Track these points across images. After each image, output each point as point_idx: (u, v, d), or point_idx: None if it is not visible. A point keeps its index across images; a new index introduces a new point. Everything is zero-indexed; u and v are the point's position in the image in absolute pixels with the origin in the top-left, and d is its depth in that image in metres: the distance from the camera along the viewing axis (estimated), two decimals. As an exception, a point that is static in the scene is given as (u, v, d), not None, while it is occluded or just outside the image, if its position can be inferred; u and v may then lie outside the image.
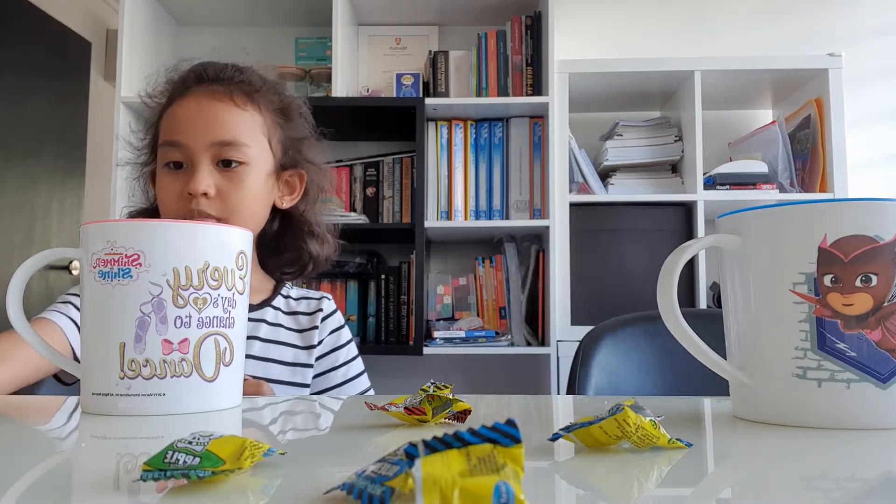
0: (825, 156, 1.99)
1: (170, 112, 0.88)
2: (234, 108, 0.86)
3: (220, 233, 0.50)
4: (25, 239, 2.55)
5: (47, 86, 2.65)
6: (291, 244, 0.96)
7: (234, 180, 0.85)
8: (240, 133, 0.86)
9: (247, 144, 0.86)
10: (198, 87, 0.87)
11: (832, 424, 0.41)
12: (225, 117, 0.85)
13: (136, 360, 0.46)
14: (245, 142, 0.86)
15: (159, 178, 0.87)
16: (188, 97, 0.87)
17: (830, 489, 0.28)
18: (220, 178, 0.84)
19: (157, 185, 0.88)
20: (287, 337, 0.92)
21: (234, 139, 0.85)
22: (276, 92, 0.92)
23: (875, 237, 0.40)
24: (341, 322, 0.97)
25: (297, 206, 0.94)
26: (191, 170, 0.84)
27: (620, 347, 0.92)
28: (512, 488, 0.20)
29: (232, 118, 0.86)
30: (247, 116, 0.87)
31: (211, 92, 0.86)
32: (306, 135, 0.95)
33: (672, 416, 0.46)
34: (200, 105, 0.86)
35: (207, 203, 0.83)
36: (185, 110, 0.86)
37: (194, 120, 0.85)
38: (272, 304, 0.94)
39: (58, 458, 0.36)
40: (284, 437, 0.41)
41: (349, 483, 0.24)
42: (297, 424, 0.46)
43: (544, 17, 2.06)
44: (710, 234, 0.46)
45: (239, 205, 0.85)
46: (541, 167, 2.06)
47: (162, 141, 0.87)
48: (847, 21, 2.31)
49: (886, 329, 0.40)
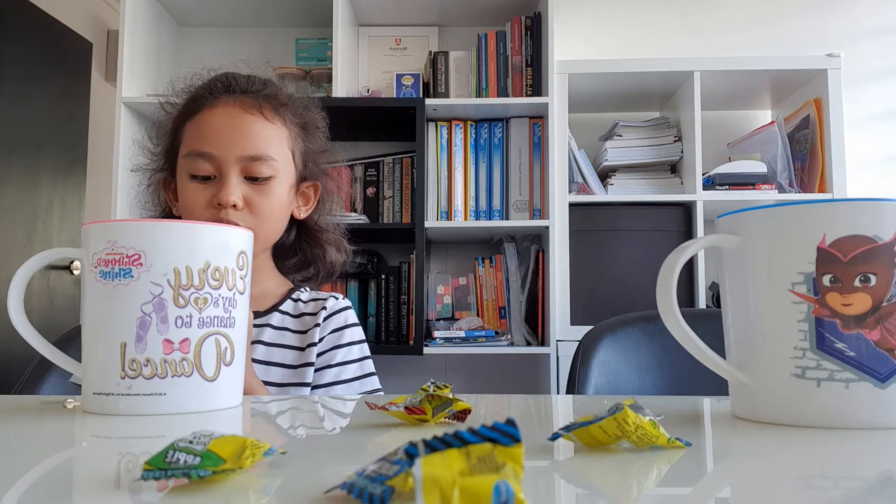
0: (824, 156, 1.99)
1: (196, 120, 0.88)
2: (263, 122, 0.87)
3: (220, 233, 0.50)
4: (26, 239, 2.55)
5: (48, 86, 2.65)
6: (308, 252, 0.98)
7: (262, 192, 0.86)
8: (269, 147, 0.87)
9: (274, 158, 0.87)
10: (227, 97, 0.87)
11: (831, 424, 0.41)
12: (256, 131, 0.86)
13: (136, 360, 0.47)
14: (273, 156, 0.87)
15: (184, 187, 0.87)
16: (217, 107, 0.87)
17: (829, 488, 0.28)
18: (248, 189, 0.85)
19: (182, 193, 0.88)
20: (291, 339, 0.93)
21: (265, 154, 0.86)
22: (299, 106, 0.94)
23: (874, 237, 0.40)
24: (348, 322, 0.96)
25: (311, 215, 0.97)
26: (219, 181, 0.85)
27: (620, 347, 0.92)
28: (512, 487, 0.20)
29: (262, 131, 0.87)
30: (275, 130, 0.88)
31: (241, 103, 0.87)
32: (323, 147, 0.97)
33: (671, 416, 0.46)
34: (232, 116, 0.86)
35: (236, 214, 0.84)
36: (215, 121, 0.86)
37: (225, 131, 0.86)
38: (279, 309, 0.94)
39: (59, 457, 0.36)
40: (285, 436, 0.41)
41: (349, 482, 0.24)
42: (297, 424, 0.46)
43: (544, 17, 2.06)
44: (710, 235, 0.46)
45: (267, 216, 0.87)
46: (540, 167, 2.06)
47: (189, 151, 0.86)
48: (846, 21, 2.31)
49: (885, 329, 0.40)
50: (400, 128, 2.08)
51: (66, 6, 2.77)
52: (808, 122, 2.06)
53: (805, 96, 2.09)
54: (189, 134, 0.88)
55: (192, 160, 0.86)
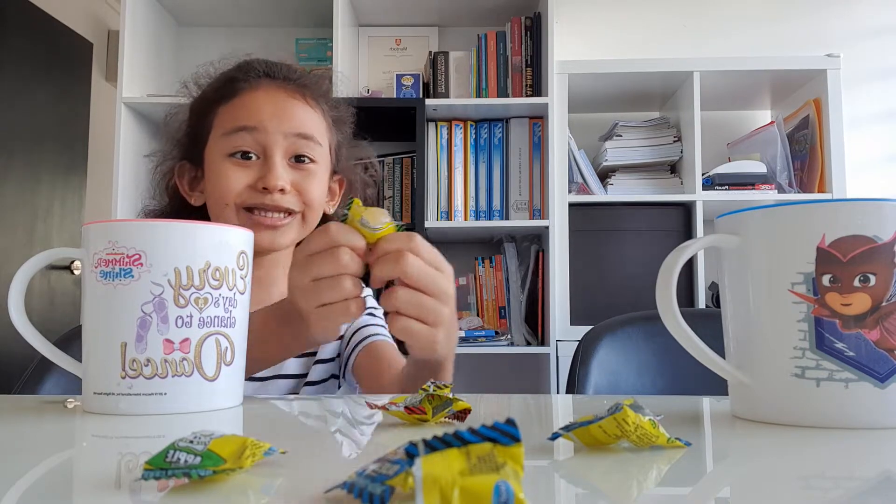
0: (824, 156, 1.99)
1: (234, 102, 0.83)
2: (307, 107, 0.84)
3: (221, 233, 0.50)
4: (27, 239, 2.55)
5: (49, 86, 2.65)
6: None
7: (309, 177, 0.82)
8: (315, 130, 0.84)
9: (319, 143, 0.84)
10: (268, 81, 0.84)
11: (830, 424, 0.41)
12: (301, 113, 0.83)
13: (137, 360, 0.47)
14: (318, 140, 0.84)
15: (221, 168, 0.81)
16: (259, 89, 0.83)
17: (829, 488, 0.28)
18: (295, 173, 0.82)
19: (217, 175, 0.82)
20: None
21: (312, 134, 0.83)
22: (334, 98, 0.92)
23: (873, 237, 0.40)
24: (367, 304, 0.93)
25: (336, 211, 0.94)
26: (262, 162, 0.80)
27: (619, 347, 0.92)
28: (511, 487, 0.20)
29: (307, 115, 0.84)
30: (316, 117, 0.85)
31: (283, 88, 0.84)
32: (351, 143, 0.95)
33: (671, 416, 0.46)
34: (275, 98, 0.82)
35: (283, 198, 0.80)
36: (257, 100, 0.82)
37: (270, 108, 0.81)
38: None
39: (59, 457, 0.36)
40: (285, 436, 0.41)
41: (350, 482, 0.24)
42: (297, 423, 0.46)
43: (544, 17, 2.06)
44: (709, 235, 0.46)
45: (315, 200, 0.83)
46: (540, 167, 2.06)
47: (231, 127, 0.81)
48: (845, 22, 2.31)
49: (885, 329, 0.40)
50: (400, 128, 2.08)
51: (66, 6, 2.77)
52: (807, 123, 2.06)
53: (805, 96, 2.09)
54: (225, 115, 0.83)
55: (233, 136, 0.80)
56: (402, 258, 0.53)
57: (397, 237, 0.53)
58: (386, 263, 0.53)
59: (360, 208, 0.54)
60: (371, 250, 0.54)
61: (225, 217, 0.81)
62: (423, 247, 0.54)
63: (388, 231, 0.53)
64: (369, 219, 0.53)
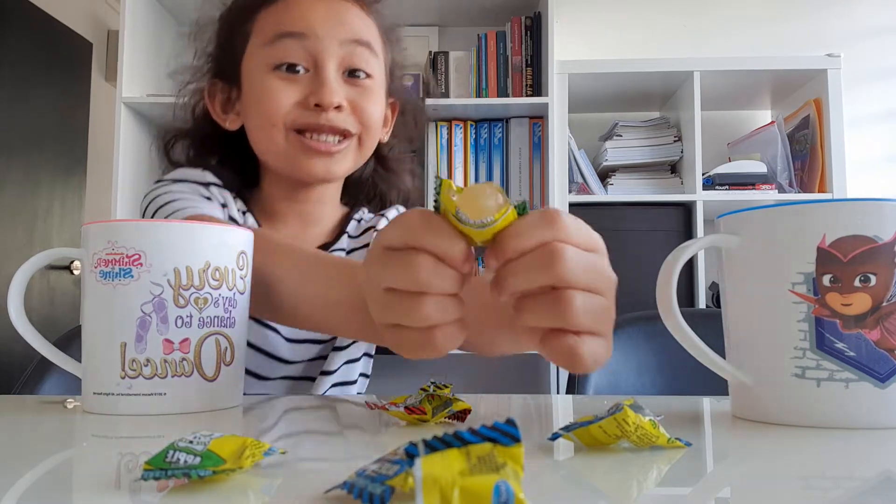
0: (824, 156, 1.99)
1: (279, 5, 0.72)
2: (361, 13, 0.73)
3: (221, 233, 0.50)
4: (26, 239, 2.55)
5: (48, 86, 2.65)
6: (376, 179, 0.86)
7: (365, 94, 0.72)
8: (371, 39, 0.73)
9: (376, 54, 0.74)
10: None
11: (831, 424, 0.41)
12: (355, 20, 0.72)
13: (137, 360, 0.47)
14: (376, 50, 0.74)
15: (265, 83, 0.71)
16: None
17: (829, 488, 0.28)
18: (349, 89, 0.72)
19: (260, 92, 0.71)
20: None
21: (369, 41, 0.72)
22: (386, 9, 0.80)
23: (874, 237, 0.40)
24: None
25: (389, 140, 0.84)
26: (313, 76, 0.70)
27: (619, 347, 0.92)
28: (511, 487, 0.20)
29: (362, 22, 0.73)
30: (372, 26, 0.75)
31: None
32: (405, 62, 0.85)
33: (671, 416, 0.46)
34: (326, 2, 0.72)
35: (339, 117, 0.70)
36: (304, 4, 0.71)
37: (322, 11, 0.70)
38: (347, 232, 0.82)
39: (58, 457, 0.36)
40: (285, 436, 0.41)
41: (350, 482, 0.24)
42: (297, 423, 0.46)
43: (544, 17, 2.06)
44: (710, 234, 0.46)
45: (373, 120, 0.73)
46: (540, 167, 2.06)
47: (276, 33, 0.70)
48: (845, 21, 2.31)
49: (885, 329, 0.40)
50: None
51: (66, 6, 2.77)
52: (807, 122, 2.06)
53: (805, 96, 2.09)
54: (267, 20, 0.72)
55: (277, 46, 0.70)
56: (555, 258, 0.35)
57: (531, 224, 0.35)
58: (529, 271, 0.35)
59: (452, 192, 0.34)
60: (491, 250, 0.36)
61: (272, 141, 0.72)
62: (572, 227, 0.36)
63: (506, 221, 0.35)
64: (469, 211, 0.34)
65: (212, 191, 0.75)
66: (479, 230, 0.34)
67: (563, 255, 0.35)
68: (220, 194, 0.75)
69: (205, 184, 0.75)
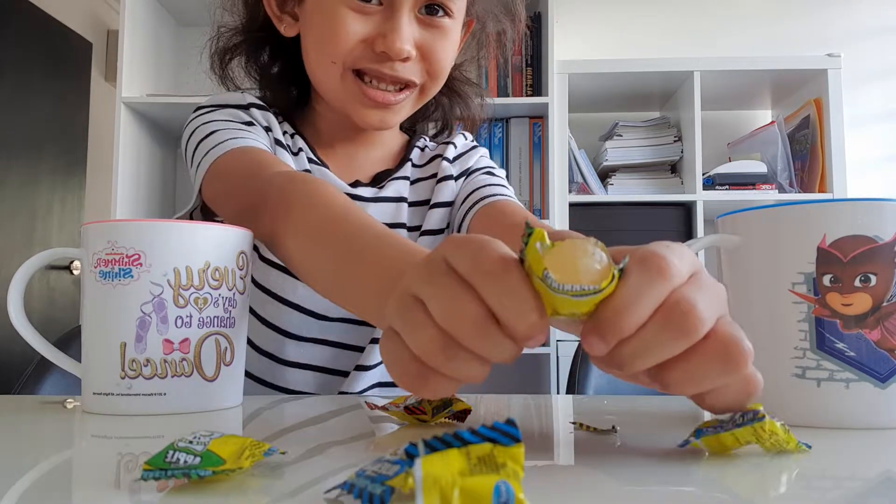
0: (824, 156, 1.99)
1: None
2: None
3: (220, 233, 0.50)
4: (26, 239, 2.55)
5: (48, 86, 2.65)
6: (447, 105, 0.81)
7: (440, 36, 0.66)
8: None
9: None
10: None
11: (831, 424, 0.41)
12: None
13: (136, 360, 0.47)
14: None
15: (332, 11, 0.63)
16: None
17: (829, 488, 0.28)
18: (423, 31, 0.65)
19: (324, 18, 0.64)
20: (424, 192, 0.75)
21: None
22: None
23: (874, 237, 0.40)
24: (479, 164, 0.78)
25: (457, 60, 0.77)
26: (386, 12, 0.63)
27: (620, 347, 0.92)
28: (511, 487, 0.20)
29: None
30: None
31: None
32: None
33: (671, 416, 0.46)
34: None
35: (405, 68, 0.65)
36: None
37: None
38: (411, 160, 0.78)
39: (58, 457, 0.36)
40: (285, 436, 0.41)
41: (350, 482, 0.24)
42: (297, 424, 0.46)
43: (544, 17, 2.06)
44: (710, 234, 0.46)
45: (442, 69, 0.67)
46: (540, 167, 2.06)
47: None
48: (846, 21, 2.31)
49: (885, 329, 0.40)
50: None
51: (66, 6, 2.77)
52: (808, 122, 2.06)
53: (805, 96, 2.09)
54: None
55: None
56: (688, 320, 0.28)
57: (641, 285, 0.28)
58: (663, 346, 0.28)
59: (544, 247, 0.27)
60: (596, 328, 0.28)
61: (328, 75, 0.66)
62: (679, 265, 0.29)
63: (612, 290, 0.28)
64: (561, 274, 0.27)
65: (252, 113, 0.71)
66: (575, 300, 0.27)
67: (695, 314, 0.28)
68: (263, 117, 0.71)
69: (244, 106, 0.71)
